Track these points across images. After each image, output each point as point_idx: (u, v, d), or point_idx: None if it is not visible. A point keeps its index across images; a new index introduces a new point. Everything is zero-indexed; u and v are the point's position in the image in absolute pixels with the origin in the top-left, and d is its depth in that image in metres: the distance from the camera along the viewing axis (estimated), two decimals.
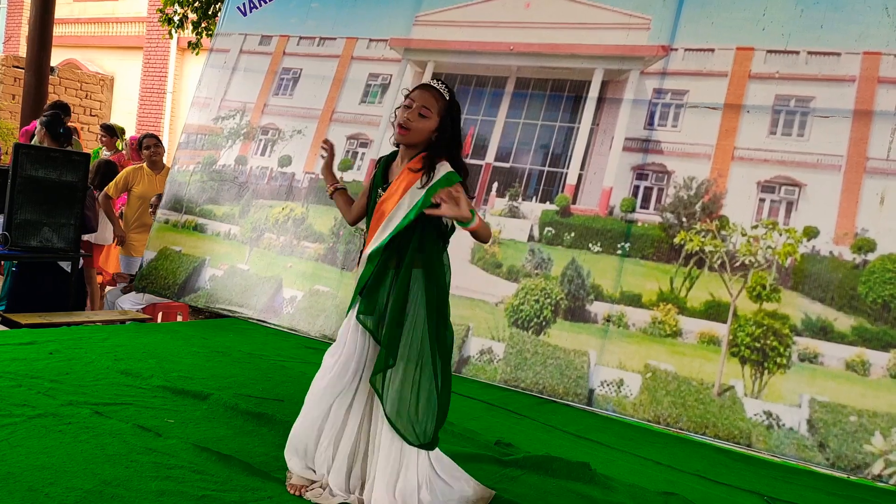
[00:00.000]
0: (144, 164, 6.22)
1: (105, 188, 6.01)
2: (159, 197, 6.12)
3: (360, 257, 2.68)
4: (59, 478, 2.35)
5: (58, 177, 5.29)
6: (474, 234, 2.50)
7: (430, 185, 2.46)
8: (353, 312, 2.56)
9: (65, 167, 5.34)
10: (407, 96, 2.57)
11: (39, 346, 3.96)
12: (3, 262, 6.29)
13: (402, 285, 2.49)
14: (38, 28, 9.58)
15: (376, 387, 2.45)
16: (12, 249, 5.12)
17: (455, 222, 2.48)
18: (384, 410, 2.43)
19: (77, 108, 13.48)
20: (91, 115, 14.07)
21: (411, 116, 2.51)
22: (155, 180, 6.17)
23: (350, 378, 2.53)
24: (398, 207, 2.50)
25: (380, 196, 2.59)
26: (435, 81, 2.61)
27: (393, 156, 2.68)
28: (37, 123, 6.34)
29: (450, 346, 2.56)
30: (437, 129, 2.54)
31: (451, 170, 2.51)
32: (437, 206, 2.35)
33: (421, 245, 2.51)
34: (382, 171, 2.66)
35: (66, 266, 5.49)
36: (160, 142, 6.41)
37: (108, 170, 6.42)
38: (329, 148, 2.88)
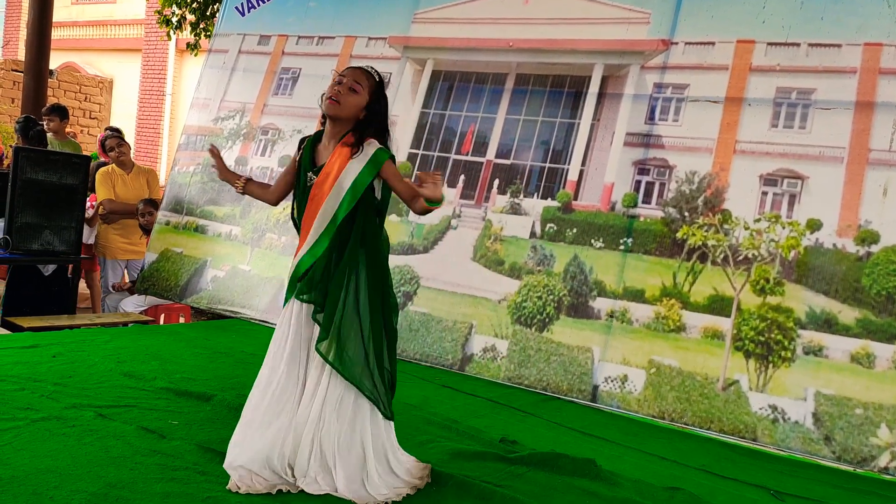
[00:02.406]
0: (114, 165, 6.06)
1: (102, 198, 5.91)
2: (146, 202, 6.03)
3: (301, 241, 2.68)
4: (63, 481, 2.34)
5: (58, 180, 5.29)
6: (419, 209, 2.57)
7: (372, 156, 2.54)
8: (293, 303, 2.60)
9: (65, 170, 5.34)
10: (338, 74, 2.64)
11: (42, 349, 3.96)
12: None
13: (345, 266, 2.54)
14: (36, 31, 9.56)
15: (322, 352, 2.48)
16: (13, 253, 5.11)
17: (426, 202, 2.53)
18: (336, 368, 2.46)
19: (76, 111, 13.47)
20: (90, 117, 14.06)
21: (342, 90, 2.60)
22: (128, 180, 6.04)
23: (297, 374, 2.56)
24: (338, 186, 2.54)
25: (312, 180, 2.62)
26: (368, 67, 2.72)
27: (317, 137, 2.72)
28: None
29: (394, 322, 2.65)
30: (366, 108, 2.62)
31: (381, 146, 2.58)
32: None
33: (363, 223, 2.58)
34: (309, 154, 2.69)
35: (43, 270, 5.49)
36: (123, 139, 6.27)
37: None
38: (215, 154, 2.90)
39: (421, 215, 2.56)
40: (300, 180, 2.68)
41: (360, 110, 2.62)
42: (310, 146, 2.71)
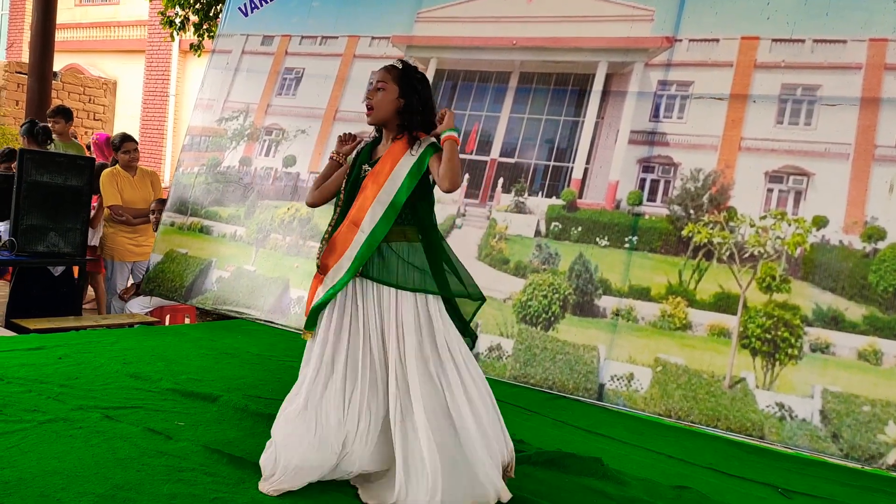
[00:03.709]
0: (119, 167, 6.02)
1: (110, 202, 5.91)
2: (159, 202, 6.06)
3: (330, 234, 2.69)
4: (70, 483, 2.34)
5: (63, 181, 5.30)
6: (443, 160, 2.54)
7: (422, 151, 2.59)
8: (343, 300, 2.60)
9: (70, 172, 5.35)
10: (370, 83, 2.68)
11: (48, 350, 3.97)
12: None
13: (405, 258, 2.58)
14: (40, 33, 9.59)
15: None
16: (19, 255, 5.12)
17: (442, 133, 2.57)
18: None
19: (80, 113, 13.49)
20: (94, 119, 14.09)
21: (370, 95, 2.67)
22: (134, 183, 6.04)
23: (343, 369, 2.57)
24: (392, 178, 2.58)
25: (366, 172, 2.66)
26: (394, 61, 2.75)
27: (376, 141, 2.77)
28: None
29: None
30: (401, 96, 2.65)
31: (432, 142, 2.62)
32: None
33: (424, 215, 2.65)
34: (368, 152, 2.75)
35: (53, 270, 5.49)
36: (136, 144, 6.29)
37: None
38: (354, 140, 2.90)
39: (447, 192, 2.59)
40: (352, 174, 2.73)
41: (394, 102, 2.65)
42: (369, 146, 2.78)
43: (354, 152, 2.82)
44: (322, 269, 2.66)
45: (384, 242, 2.59)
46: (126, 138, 6.12)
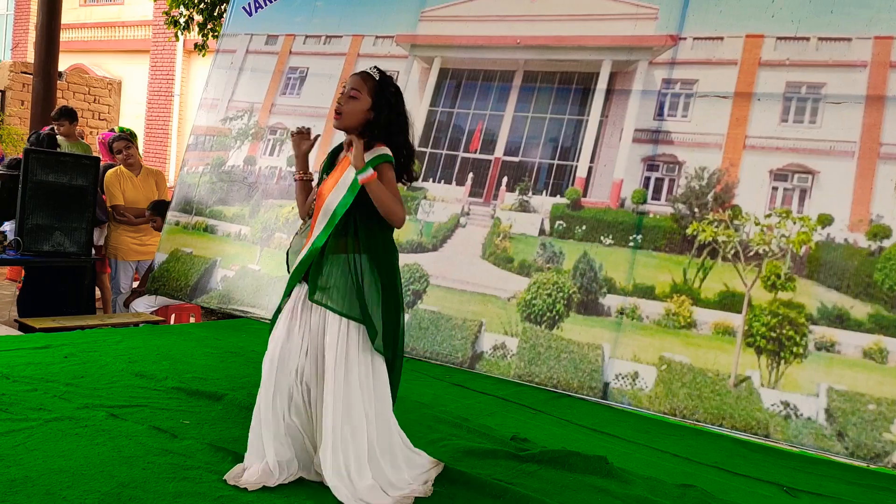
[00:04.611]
0: (121, 167, 6.02)
1: (112, 203, 5.90)
2: (154, 205, 6.01)
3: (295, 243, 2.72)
4: (76, 481, 2.35)
5: (68, 181, 5.31)
6: (373, 196, 2.49)
7: (365, 164, 2.49)
8: (293, 304, 2.62)
9: (75, 171, 5.36)
10: (342, 85, 2.66)
11: (54, 349, 3.98)
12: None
13: (347, 270, 2.53)
14: (45, 34, 9.61)
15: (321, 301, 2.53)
16: (25, 254, 5.14)
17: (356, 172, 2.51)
18: (339, 310, 2.50)
19: (85, 113, 13.52)
20: (100, 119, 14.11)
21: (341, 100, 2.59)
22: (137, 182, 6.03)
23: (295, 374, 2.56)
24: (336, 190, 2.57)
25: (322, 180, 2.67)
26: (369, 67, 2.66)
27: (340, 148, 2.75)
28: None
29: (401, 333, 2.65)
30: (372, 108, 2.58)
31: (386, 151, 2.55)
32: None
33: (364, 229, 2.56)
34: (330, 160, 2.73)
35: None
36: (131, 141, 6.22)
37: None
38: (310, 135, 2.82)
39: (395, 227, 2.59)
40: (318, 184, 2.72)
41: (365, 113, 2.59)
42: (335, 153, 2.75)
43: (315, 149, 2.80)
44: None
45: (323, 253, 2.56)
46: (117, 138, 6.10)
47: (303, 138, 2.77)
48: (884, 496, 3.17)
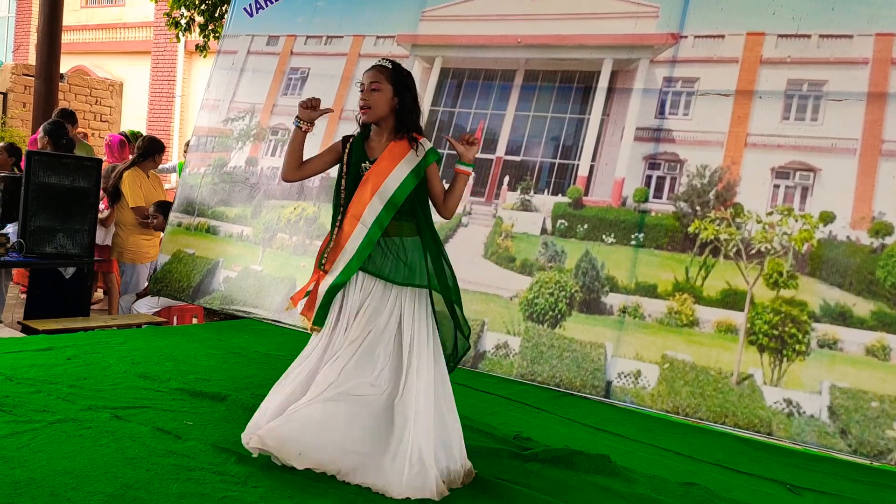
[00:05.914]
0: (138, 168, 6.01)
1: (135, 204, 5.90)
2: (157, 205, 6.04)
3: (338, 229, 2.77)
4: (80, 482, 2.36)
5: (71, 183, 5.32)
6: (459, 188, 2.76)
7: (423, 156, 2.73)
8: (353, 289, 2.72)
9: (77, 173, 5.37)
10: (360, 84, 2.79)
11: (57, 351, 3.99)
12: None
13: (407, 250, 2.71)
14: (46, 36, 9.61)
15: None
16: (27, 256, 5.15)
17: (459, 163, 2.76)
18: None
19: (87, 114, 13.53)
20: (101, 120, 14.13)
21: (366, 95, 2.74)
22: (149, 183, 6.09)
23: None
24: (394, 176, 2.70)
25: (365, 169, 2.75)
26: (378, 60, 2.82)
27: (364, 135, 2.83)
28: (40, 130, 6.30)
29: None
30: (396, 95, 2.74)
31: (432, 147, 2.78)
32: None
33: (424, 215, 2.76)
34: (361, 149, 2.81)
35: (64, 272, 5.51)
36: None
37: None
38: (319, 106, 2.93)
39: (446, 219, 2.82)
40: (350, 171, 2.79)
41: (390, 101, 2.74)
42: (360, 142, 2.82)
43: (319, 118, 2.91)
44: (326, 266, 2.75)
45: (381, 236, 2.71)
46: (154, 140, 6.15)
47: (308, 109, 2.89)
48: (887, 493, 3.17)
